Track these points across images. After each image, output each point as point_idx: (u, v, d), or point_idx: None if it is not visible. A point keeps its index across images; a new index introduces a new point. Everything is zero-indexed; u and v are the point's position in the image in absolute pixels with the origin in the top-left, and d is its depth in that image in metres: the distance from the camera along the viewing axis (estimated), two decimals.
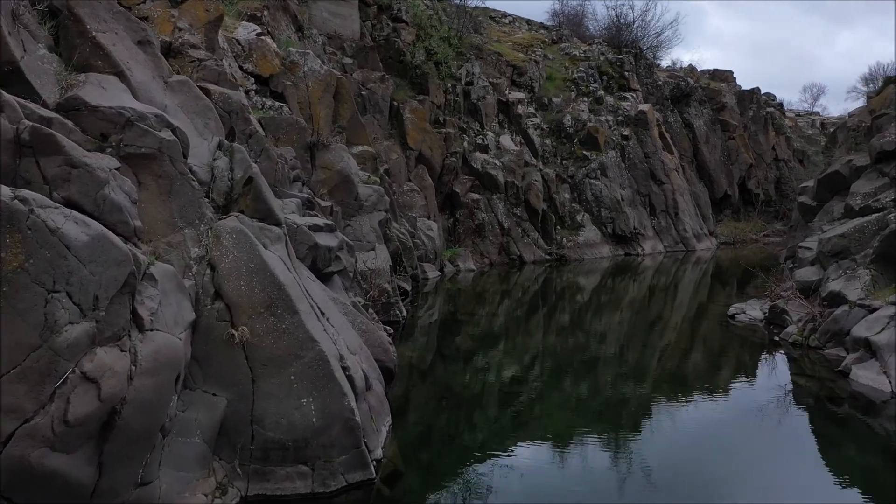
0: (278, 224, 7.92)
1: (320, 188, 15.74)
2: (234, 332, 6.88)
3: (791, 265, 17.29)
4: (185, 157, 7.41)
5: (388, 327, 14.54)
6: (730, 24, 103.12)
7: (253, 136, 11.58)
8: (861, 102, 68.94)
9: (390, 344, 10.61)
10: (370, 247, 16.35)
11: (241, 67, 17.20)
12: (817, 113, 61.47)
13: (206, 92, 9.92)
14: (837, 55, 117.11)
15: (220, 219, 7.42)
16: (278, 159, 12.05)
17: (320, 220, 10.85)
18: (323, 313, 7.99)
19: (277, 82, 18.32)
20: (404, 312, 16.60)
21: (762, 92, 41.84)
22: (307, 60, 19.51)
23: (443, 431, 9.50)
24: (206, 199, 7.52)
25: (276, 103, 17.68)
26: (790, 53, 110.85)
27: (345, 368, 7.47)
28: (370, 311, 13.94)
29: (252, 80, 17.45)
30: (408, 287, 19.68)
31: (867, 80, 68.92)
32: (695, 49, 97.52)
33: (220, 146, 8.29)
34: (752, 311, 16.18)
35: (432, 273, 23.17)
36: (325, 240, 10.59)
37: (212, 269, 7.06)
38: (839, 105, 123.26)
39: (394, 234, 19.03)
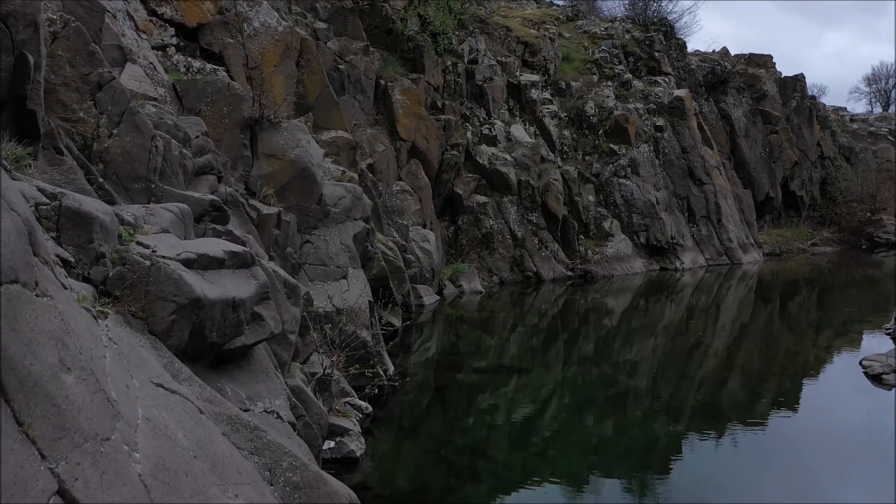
0: None
1: (263, 186, 10.43)
2: None
3: None
4: None
5: (365, 405, 9.29)
6: (716, 25, 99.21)
7: (106, 88, 6.26)
8: (865, 103, 64.70)
9: None
10: (340, 273, 11.05)
11: (153, 11, 11.88)
12: (844, 109, 56.47)
13: None
14: (826, 56, 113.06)
15: None
16: (159, 133, 6.72)
17: (221, 247, 5.52)
18: None
19: (212, 38, 13.00)
20: (391, 367, 11.35)
21: None
22: (259, 12, 14.21)
23: None
24: None
25: (209, 66, 12.39)
26: (778, 54, 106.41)
27: None
28: (334, 379, 8.68)
29: (171, 30, 12.13)
30: (397, 322, 14.51)
31: (870, 80, 64.47)
32: (713, 39, 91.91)
33: None
34: None
35: (429, 298, 17.93)
36: (225, 287, 5.27)
37: None
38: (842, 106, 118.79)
39: (377, 252, 13.75)
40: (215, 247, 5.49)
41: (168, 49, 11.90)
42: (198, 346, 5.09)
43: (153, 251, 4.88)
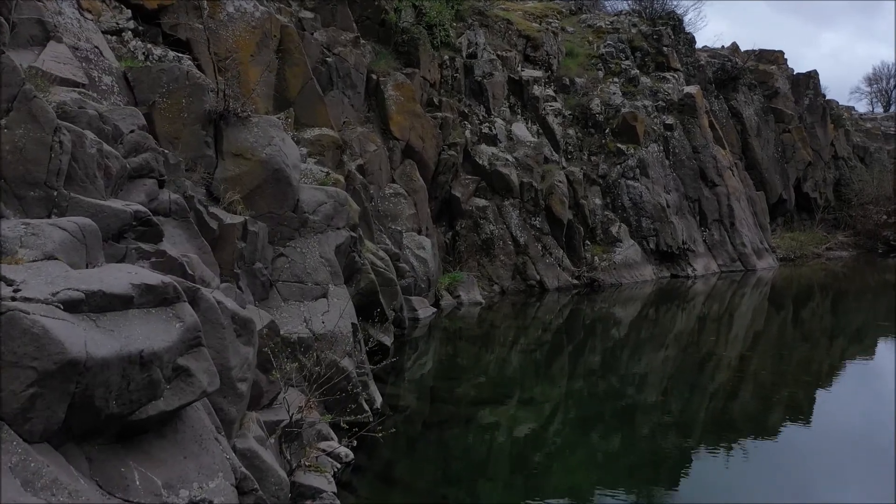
0: None
1: (228, 190, 8.93)
2: None
3: None
4: None
5: (344, 453, 7.80)
6: (712, 24, 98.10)
7: None
8: (865, 103, 63.39)
9: None
10: (319, 291, 9.55)
11: None
12: (852, 107, 55.05)
13: None
14: (823, 56, 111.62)
15: None
16: (65, 124, 5.23)
17: (129, 279, 4.02)
18: None
19: (178, 23, 11.50)
20: (378, 399, 9.88)
21: None
22: None
23: None
24: None
25: (172, 53, 10.89)
26: None
27: None
28: (306, 426, 7.20)
29: (128, 13, 10.64)
30: (388, 340, 12.99)
31: (871, 80, 63.13)
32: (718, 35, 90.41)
33: None
34: None
35: (424, 311, 16.49)
36: (129, 337, 3.78)
37: None
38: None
39: (366, 263, 12.24)
40: (120, 279, 4.00)
41: (124, 34, 10.41)
42: (88, 423, 3.60)
43: (16, 290, 3.39)
